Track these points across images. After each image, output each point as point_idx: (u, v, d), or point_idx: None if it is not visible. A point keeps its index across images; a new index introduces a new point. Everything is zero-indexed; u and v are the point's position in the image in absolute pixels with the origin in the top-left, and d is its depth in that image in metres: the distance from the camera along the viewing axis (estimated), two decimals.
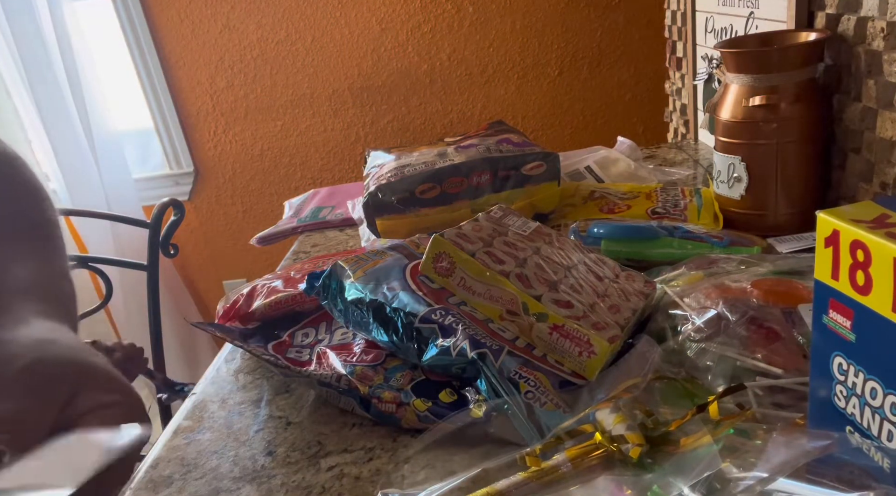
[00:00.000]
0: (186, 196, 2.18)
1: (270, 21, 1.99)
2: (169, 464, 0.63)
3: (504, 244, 0.68)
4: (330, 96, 2.06)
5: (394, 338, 0.62)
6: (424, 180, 0.91)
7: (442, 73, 2.04)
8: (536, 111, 2.08)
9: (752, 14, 1.04)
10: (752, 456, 0.42)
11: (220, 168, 2.16)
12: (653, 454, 0.46)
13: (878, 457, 0.38)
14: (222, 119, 2.10)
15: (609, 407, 0.50)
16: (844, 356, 0.39)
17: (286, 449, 0.62)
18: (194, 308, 2.31)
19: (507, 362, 0.57)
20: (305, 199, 1.35)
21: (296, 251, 1.13)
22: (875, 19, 0.76)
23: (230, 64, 2.03)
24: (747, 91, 0.84)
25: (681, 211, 0.92)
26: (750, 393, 0.53)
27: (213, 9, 1.97)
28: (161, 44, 2.01)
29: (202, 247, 2.26)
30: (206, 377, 0.77)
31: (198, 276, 2.31)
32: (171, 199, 1.30)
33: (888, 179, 0.78)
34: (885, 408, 0.37)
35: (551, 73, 2.03)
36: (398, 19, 1.98)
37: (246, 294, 0.81)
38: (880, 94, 0.77)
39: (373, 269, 0.68)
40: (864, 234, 0.36)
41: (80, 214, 1.58)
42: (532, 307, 0.61)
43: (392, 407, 0.61)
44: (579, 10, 1.96)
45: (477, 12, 1.97)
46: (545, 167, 0.93)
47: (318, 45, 2.01)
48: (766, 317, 0.58)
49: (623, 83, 2.04)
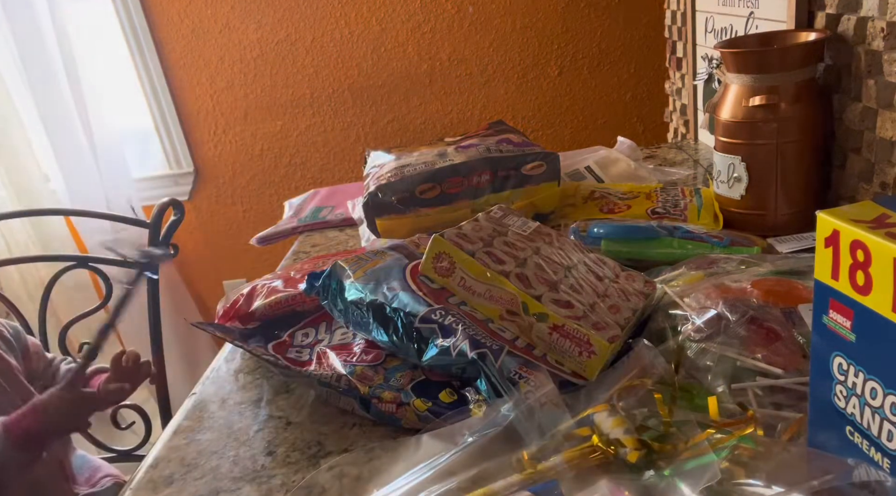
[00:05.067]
0: (186, 196, 2.17)
1: (270, 21, 1.99)
2: (169, 464, 0.63)
3: (504, 244, 0.68)
4: (330, 96, 2.06)
5: (394, 338, 0.62)
6: (424, 180, 0.91)
7: (442, 73, 2.03)
8: (536, 111, 2.08)
9: (752, 14, 1.04)
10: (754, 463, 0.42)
11: (220, 168, 2.16)
12: (650, 458, 0.46)
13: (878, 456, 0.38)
14: (222, 119, 2.10)
15: (607, 410, 0.50)
16: (844, 356, 0.39)
17: (286, 449, 0.62)
18: (194, 308, 2.31)
19: (507, 362, 0.57)
20: (305, 199, 1.35)
21: (296, 251, 1.13)
22: (875, 19, 0.76)
23: (230, 64, 2.03)
24: (747, 91, 0.84)
25: (681, 211, 0.92)
26: (750, 393, 0.53)
27: (213, 9, 1.97)
28: (161, 44, 2.01)
29: (202, 247, 2.26)
30: (206, 377, 0.77)
31: (198, 276, 2.31)
32: (171, 198, 1.30)
33: (888, 179, 0.78)
34: (885, 408, 0.37)
35: (551, 73, 2.03)
36: (398, 19, 1.98)
37: (246, 294, 0.81)
38: (880, 94, 0.77)
39: (373, 269, 0.68)
40: (864, 234, 0.36)
41: (80, 214, 1.58)
42: (532, 307, 0.61)
43: (392, 407, 0.61)
44: (579, 10, 1.96)
45: (477, 12, 1.97)
46: (545, 167, 0.93)
47: (318, 45, 2.01)
48: (766, 317, 0.58)
49: (623, 83, 2.04)
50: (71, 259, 1.35)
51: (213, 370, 0.79)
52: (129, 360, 1.14)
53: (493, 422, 0.51)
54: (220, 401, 0.72)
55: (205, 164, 2.16)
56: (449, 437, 0.51)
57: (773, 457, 0.43)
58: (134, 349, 1.18)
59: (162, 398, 1.36)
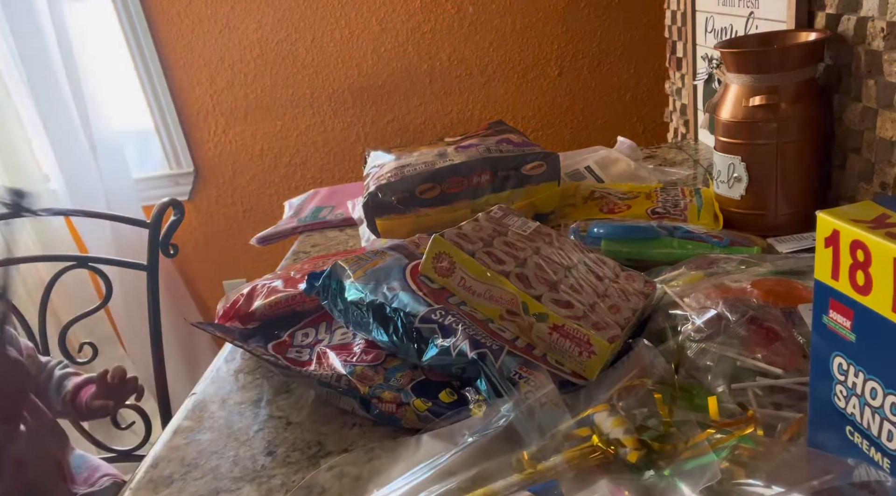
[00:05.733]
0: (186, 196, 2.18)
1: (270, 21, 1.99)
2: (169, 464, 0.63)
3: (504, 244, 0.68)
4: (330, 96, 2.06)
5: (394, 338, 0.62)
6: (424, 180, 0.91)
7: (442, 73, 2.03)
8: (536, 111, 2.08)
9: (752, 14, 1.04)
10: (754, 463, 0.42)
11: (220, 168, 2.16)
12: (650, 458, 0.46)
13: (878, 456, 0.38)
14: (222, 119, 2.10)
15: (607, 410, 0.50)
16: (844, 356, 0.39)
17: (286, 449, 0.62)
18: (194, 308, 2.31)
19: (507, 362, 0.57)
20: (305, 199, 1.35)
21: (296, 251, 1.13)
22: (875, 19, 0.76)
23: (230, 64, 2.03)
24: (747, 91, 0.84)
25: (681, 211, 0.92)
26: (750, 393, 0.53)
27: (213, 9, 1.97)
28: (161, 44, 2.01)
29: (202, 247, 2.26)
30: (206, 377, 0.77)
31: (198, 276, 2.31)
32: (171, 199, 1.30)
33: (888, 179, 0.78)
34: (885, 408, 0.37)
35: (551, 73, 2.03)
36: (398, 19, 1.98)
37: (246, 294, 0.81)
38: (880, 94, 0.77)
39: (373, 269, 0.68)
40: (864, 234, 0.36)
41: (80, 214, 1.58)
42: (532, 307, 0.61)
43: (392, 407, 0.61)
44: (579, 10, 1.96)
45: (477, 12, 1.97)
46: (545, 167, 0.93)
47: (318, 45, 2.01)
48: (766, 317, 0.58)
49: (623, 83, 2.04)
50: (71, 259, 1.35)
51: (213, 370, 0.79)
52: (115, 377, 1.15)
53: (493, 423, 0.51)
54: (220, 401, 0.72)
55: (205, 164, 2.16)
56: (449, 437, 0.51)
57: (773, 457, 0.43)
58: (121, 366, 1.18)
59: (162, 398, 1.36)
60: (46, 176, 2.08)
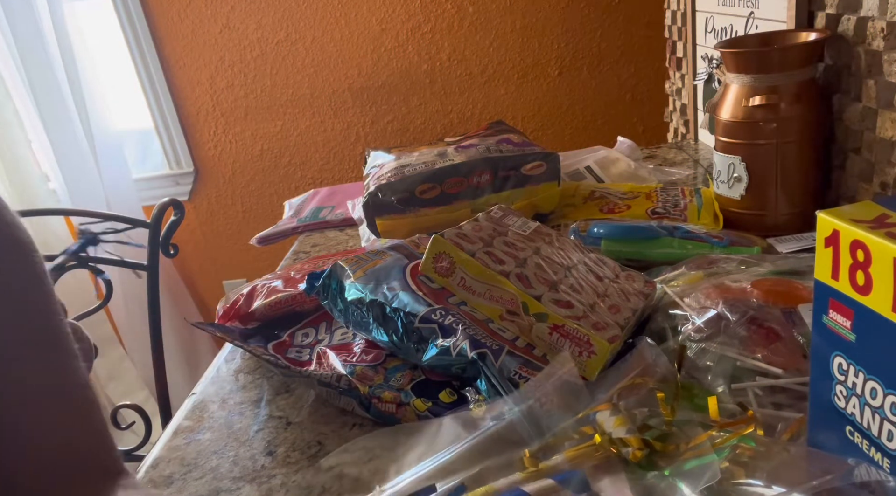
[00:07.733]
0: (186, 196, 2.18)
1: (270, 21, 1.99)
2: (169, 464, 0.63)
3: (504, 244, 0.68)
4: (330, 96, 2.06)
5: (394, 338, 0.62)
6: (424, 180, 0.91)
7: (442, 73, 2.03)
8: (536, 111, 2.08)
9: (752, 14, 1.04)
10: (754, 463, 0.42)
11: (220, 168, 2.16)
12: (652, 457, 0.46)
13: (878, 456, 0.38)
14: (222, 119, 2.10)
15: (609, 409, 0.50)
16: (844, 356, 0.39)
17: (286, 449, 0.62)
18: (194, 308, 2.31)
19: (507, 362, 0.57)
20: (305, 199, 1.35)
21: (296, 251, 1.13)
22: (875, 19, 0.76)
23: (230, 64, 2.03)
24: (747, 91, 0.84)
25: (681, 211, 0.92)
26: (750, 393, 0.53)
27: (213, 9, 1.97)
28: (161, 44, 2.01)
29: (202, 247, 2.26)
30: (206, 377, 0.77)
31: (198, 276, 2.31)
32: (171, 199, 1.30)
33: (888, 179, 0.78)
34: (885, 408, 0.37)
35: (551, 73, 2.03)
36: (398, 19, 1.98)
37: (246, 294, 0.81)
38: (880, 94, 0.77)
39: (373, 269, 0.68)
40: (864, 234, 0.36)
41: (81, 214, 1.58)
42: (532, 307, 0.61)
43: (392, 407, 0.61)
44: (579, 10, 1.96)
45: (477, 12, 1.97)
46: (545, 167, 0.93)
47: (318, 45, 2.01)
48: (766, 317, 0.58)
49: (623, 83, 2.04)
50: (71, 259, 1.35)
51: (213, 370, 0.79)
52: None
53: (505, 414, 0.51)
54: (220, 401, 0.72)
55: (205, 164, 2.16)
56: (471, 421, 0.51)
57: (773, 457, 0.43)
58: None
59: (162, 398, 1.36)
60: (46, 176, 2.08)
